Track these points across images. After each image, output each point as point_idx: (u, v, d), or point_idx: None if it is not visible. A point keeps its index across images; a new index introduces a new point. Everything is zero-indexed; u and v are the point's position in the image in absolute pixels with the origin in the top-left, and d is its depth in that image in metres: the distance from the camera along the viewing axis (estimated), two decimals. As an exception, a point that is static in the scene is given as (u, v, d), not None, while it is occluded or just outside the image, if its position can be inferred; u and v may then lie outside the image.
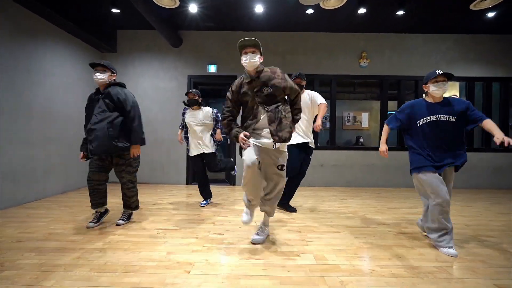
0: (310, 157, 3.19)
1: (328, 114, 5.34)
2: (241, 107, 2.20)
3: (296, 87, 2.14)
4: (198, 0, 3.99)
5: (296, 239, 2.36)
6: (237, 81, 2.23)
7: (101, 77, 2.58)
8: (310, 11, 4.24)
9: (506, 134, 5.00)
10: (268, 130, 2.05)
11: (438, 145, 2.19)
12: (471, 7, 3.46)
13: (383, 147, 2.48)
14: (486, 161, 5.08)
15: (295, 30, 5.08)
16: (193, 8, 4.16)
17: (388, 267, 1.86)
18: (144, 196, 3.90)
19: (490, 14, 4.15)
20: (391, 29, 5.05)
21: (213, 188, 4.44)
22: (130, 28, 5.09)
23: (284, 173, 2.18)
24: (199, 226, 2.66)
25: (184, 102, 3.38)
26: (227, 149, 5.25)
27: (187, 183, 5.14)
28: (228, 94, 2.20)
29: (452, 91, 6.44)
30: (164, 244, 2.21)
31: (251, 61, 2.15)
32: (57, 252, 2.03)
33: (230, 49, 5.13)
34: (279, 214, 3.09)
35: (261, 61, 2.19)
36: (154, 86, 5.14)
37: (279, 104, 2.04)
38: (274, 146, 2.04)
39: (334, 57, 5.15)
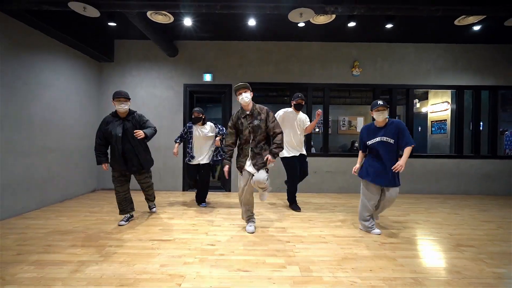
0: (306, 160, 3.93)
1: (322, 119, 5.46)
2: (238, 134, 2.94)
3: (279, 128, 2.81)
4: (192, 14, 4.10)
5: (285, 249, 2.48)
6: (234, 114, 2.96)
7: (125, 107, 3.03)
8: (301, 24, 4.35)
9: (495, 140, 5.10)
10: (250, 162, 2.83)
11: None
12: (456, 23, 3.58)
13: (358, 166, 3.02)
14: (475, 168, 5.21)
15: (289, 39, 5.20)
16: (187, 22, 4.27)
17: (368, 279, 1.98)
18: (141, 204, 4.01)
19: (476, 28, 4.27)
20: (382, 39, 5.17)
21: (208, 195, 4.56)
22: (127, 38, 5.20)
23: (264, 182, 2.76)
24: (193, 237, 2.76)
25: (191, 120, 3.96)
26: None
27: (183, 189, 5.25)
28: (229, 123, 2.95)
29: (444, 97, 6.58)
30: (158, 256, 2.32)
31: (245, 99, 2.77)
32: (56, 265, 2.14)
33: (225, 58, 5.24)
34: (275, 223, 3.21)
35: (251, 96, 2.82)
36: (151, 94, 5.25)
37: (263, 143, 2.83)
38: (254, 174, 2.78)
39: (327, 66, 5.27)
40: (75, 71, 4.64)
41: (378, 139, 2.74)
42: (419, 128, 8.50)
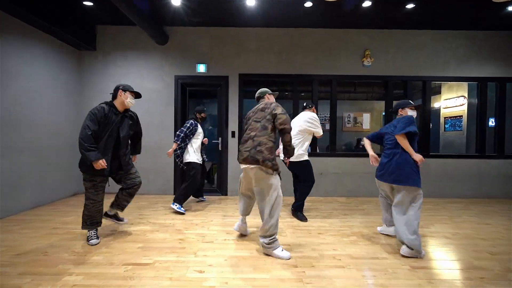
0: (302, 167, 3.37)
1: (328, 115, 4.92)
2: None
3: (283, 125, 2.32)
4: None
5: (292, 278, 1.96)
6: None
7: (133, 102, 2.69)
8: (308, 3, 3.80)
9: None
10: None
11: None
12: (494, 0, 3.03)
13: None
14: (498, 169, 4.70)
15: (292, 26, 4.64)
16: (176, 1, 3.70)
17: (407, 328, 1.46)
18: (129, 211, 3.48)
19: (511, 8, 3.73)
20: (396, 25, 4.62)
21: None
22: (111, 24, 4.63)
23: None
24: (178, 259, 2.24)
25: (197, 119, 3.86)
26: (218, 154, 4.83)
27: (175, 193, 4.73)
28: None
29: (460, 91, 6.04)
30: (129, 289, 1.80)
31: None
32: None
33: (221, 47, 4.68)
34: (278, 237, 2.69)
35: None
36: (138, 87, 4.68)
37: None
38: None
39: (334, 56, 4.72)
40: (50, 59, 4.08)
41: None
42: (430, 125, 7.97)
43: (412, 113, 2.56)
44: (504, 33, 4.67)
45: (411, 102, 2.62)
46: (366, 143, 2.90)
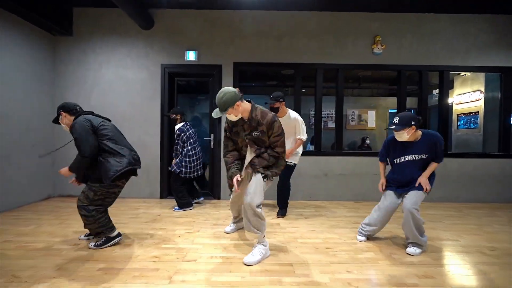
0: (288, 170, 3.23)
1: (334, 113, 4.41)
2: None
3: (278, 140, 2.09)
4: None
5: (296, 318, 1.43)
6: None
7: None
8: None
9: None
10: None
11: None
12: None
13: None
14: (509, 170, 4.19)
15: (295, 8, 4.12)
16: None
17: None
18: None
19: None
20: (410, 9, 4.11)
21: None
22: (89, 6, 4.10)
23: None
24: (145, 287, 1.71)
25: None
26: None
27: (161, 197, 4.19)
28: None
29: (475, 85, 5.53)
30: None
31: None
32: None
33: (213, 32, 4.16)
34: (279, 254, 2.16)
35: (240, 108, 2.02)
36: (120, 76, 4.17)
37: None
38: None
39: (341, 42, 4.20)
40: (18, 46, 3.55)
41: (409, 157, 2.32)
42: (450, 122, 7.45)
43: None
44: (531, 18, 4.17)
45: (393, 123, 2.26)
46: None
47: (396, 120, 2.22)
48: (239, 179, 2.07)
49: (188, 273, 1.89)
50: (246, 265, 2.00)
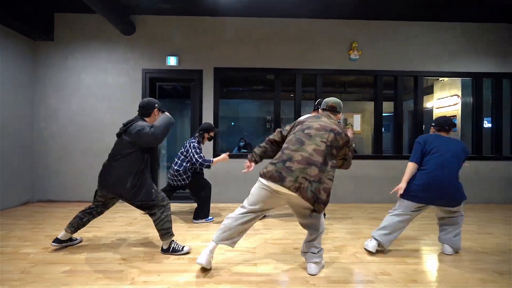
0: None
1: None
2: None
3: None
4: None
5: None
6: None
7: None
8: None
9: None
10: None
11: None
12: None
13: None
14: (497, 171, 4.32)
15: (273, 15, 4.23)
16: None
17: None
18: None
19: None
20: (385, 16, 4.26)
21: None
22: (70, 11, 4.15)
23: None
24: None
25: (199, 139, 3.22)
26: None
27: (142, 200, 4.20)
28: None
29: (453, 89, 5.71)
30: None
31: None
32: None
33: (194, 38, 4.24)
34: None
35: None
36: (101, 82, 4.20)
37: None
38: None
39: (319, 48, 4.31)
40: (-6, 49, 3.57)
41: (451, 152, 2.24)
42: (423, 126, 7.64)
43: None
44: (501, 26, 4.35)
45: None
46: None
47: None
48: (251, 169, 2.11)
49: (152, 275, 1.92)
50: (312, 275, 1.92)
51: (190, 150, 3.08)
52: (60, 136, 4.16)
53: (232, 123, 8.41)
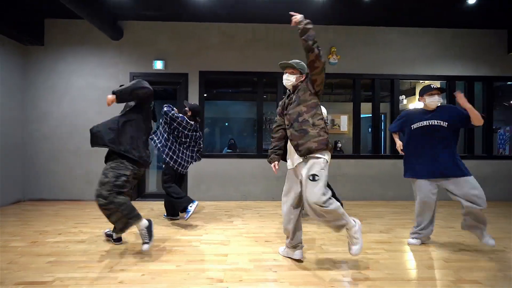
0: None
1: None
2: None
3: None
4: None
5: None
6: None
7: None
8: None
9: (490, 138, 4.46)
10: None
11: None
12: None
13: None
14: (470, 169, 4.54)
15: (255, 21, 4.43)
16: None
17: None
18: (57, 223, 3.13)
19: (471, 1, 3.58)
20: (363, 22, 4.47)
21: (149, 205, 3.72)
22: (61, 17, 4.31)
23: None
24: (85, 275, 1.91)
25: (186, 111, 3.15)
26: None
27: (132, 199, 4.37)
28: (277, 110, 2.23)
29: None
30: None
31: (285, 80, 2.20)
32: None
33: (180, 43, 4.42)
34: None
35: (301, 79, 2.15)
36: (91, 85, 4.37)
37: (302, 112, 1.96)
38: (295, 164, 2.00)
39: (299, 53, 4.48)
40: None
41: (425, 122, 2.33)
42: (383, 126, 7.87)
43: (429, 100, 2.31)
44: (473, 32, 4.58)
45: (432, 86, 2.33)
46: None
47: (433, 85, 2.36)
48: (277, 166, 2.14)
49: (130, 264, 2.10)
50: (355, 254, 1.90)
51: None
52: (51, 137, 4.32)
53: (226, 124, 8.61)
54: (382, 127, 7.02)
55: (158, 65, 4.36)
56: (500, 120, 7.68)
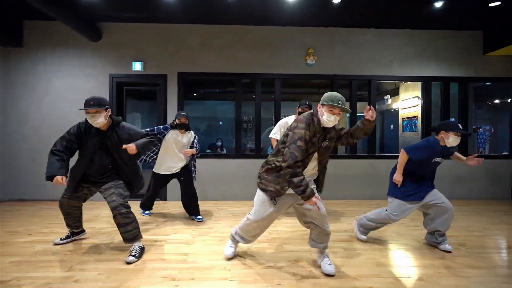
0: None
1: (273, 118, 4.76)
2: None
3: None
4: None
5: (159, 294, 1.73)
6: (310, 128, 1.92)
7: (99, 120, 2.43)
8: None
9: (465, 138, 4.52)
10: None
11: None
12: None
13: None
14: (444, 169, 4.62)
15: (234, 23, 4.47)
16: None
17: None
18: (31, 223, 3.18)
19: (438, 4, 3.63)
20: (339, 24, 4.52)
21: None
22: (39, 19, 4.34)
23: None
24: (41, 274, 1.97)
25: (172, 124, 3.32)
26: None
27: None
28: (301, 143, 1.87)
29: (415, 91, 6.01)
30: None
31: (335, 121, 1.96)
32: None
33: (159, 44, 4.46)
34: None
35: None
36: (70, 86, 4.41)
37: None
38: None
39: (278, 54, 4.57)
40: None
41: (439, 159, 2.43)
42: (391, 126, 7.97)
43: (454, 140, 2.28)
44: (447, 33, 4.64)
45: (460, 126, 2.30)
46: None
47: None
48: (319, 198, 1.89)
49: (89, 263, 2.17)
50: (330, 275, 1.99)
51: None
52: (31, 138, 4.36)
53: (220, 123, 8.70)
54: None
55: (137, 66, 4.40)
56: (486, 119, 7.79)
